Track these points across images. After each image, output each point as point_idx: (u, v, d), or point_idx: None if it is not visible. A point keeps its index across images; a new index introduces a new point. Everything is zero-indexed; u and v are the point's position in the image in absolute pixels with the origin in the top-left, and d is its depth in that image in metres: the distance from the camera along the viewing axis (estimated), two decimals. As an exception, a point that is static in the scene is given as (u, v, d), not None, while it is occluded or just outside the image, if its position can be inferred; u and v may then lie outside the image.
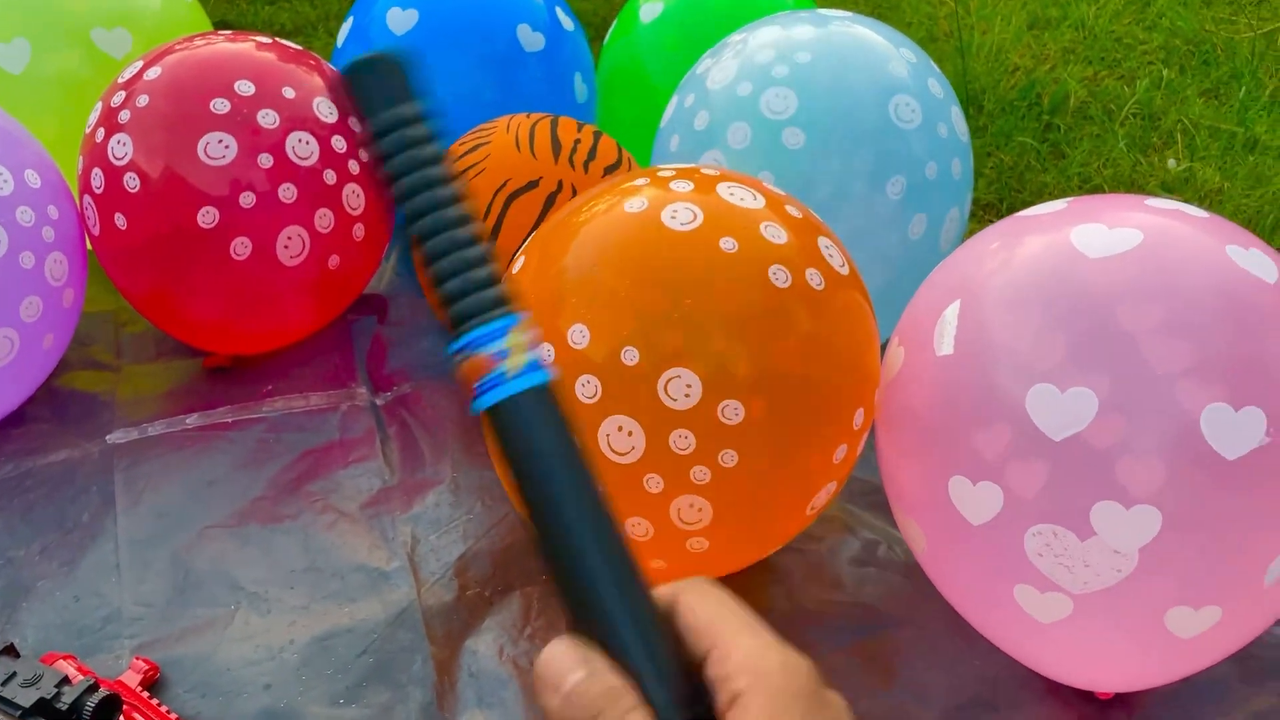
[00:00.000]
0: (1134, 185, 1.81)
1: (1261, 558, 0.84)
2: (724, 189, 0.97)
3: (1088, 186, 1.81)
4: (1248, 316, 0.84)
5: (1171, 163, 1.84)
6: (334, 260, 1.35)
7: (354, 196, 1.34)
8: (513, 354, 0.31)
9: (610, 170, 1.25)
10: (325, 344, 1.47)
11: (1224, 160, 1.84)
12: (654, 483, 0.91)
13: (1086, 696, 1.03)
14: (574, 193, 1.21)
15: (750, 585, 1.13)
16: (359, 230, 1.36)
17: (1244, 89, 1.98)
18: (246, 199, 1.26)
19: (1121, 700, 1.03)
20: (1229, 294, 0.84)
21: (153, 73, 1.29)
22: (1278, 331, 0.84)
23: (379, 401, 1.39)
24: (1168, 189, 1.77)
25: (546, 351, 0.31)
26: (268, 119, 1.27)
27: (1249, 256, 0.86)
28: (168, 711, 0.99)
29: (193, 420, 1.35)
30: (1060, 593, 0.87)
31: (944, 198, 1.29)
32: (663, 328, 0.89)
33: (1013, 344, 0.88)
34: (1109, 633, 0.89)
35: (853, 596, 1.14)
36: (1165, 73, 2.07)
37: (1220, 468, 0.81)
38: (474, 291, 0.31)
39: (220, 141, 1.25)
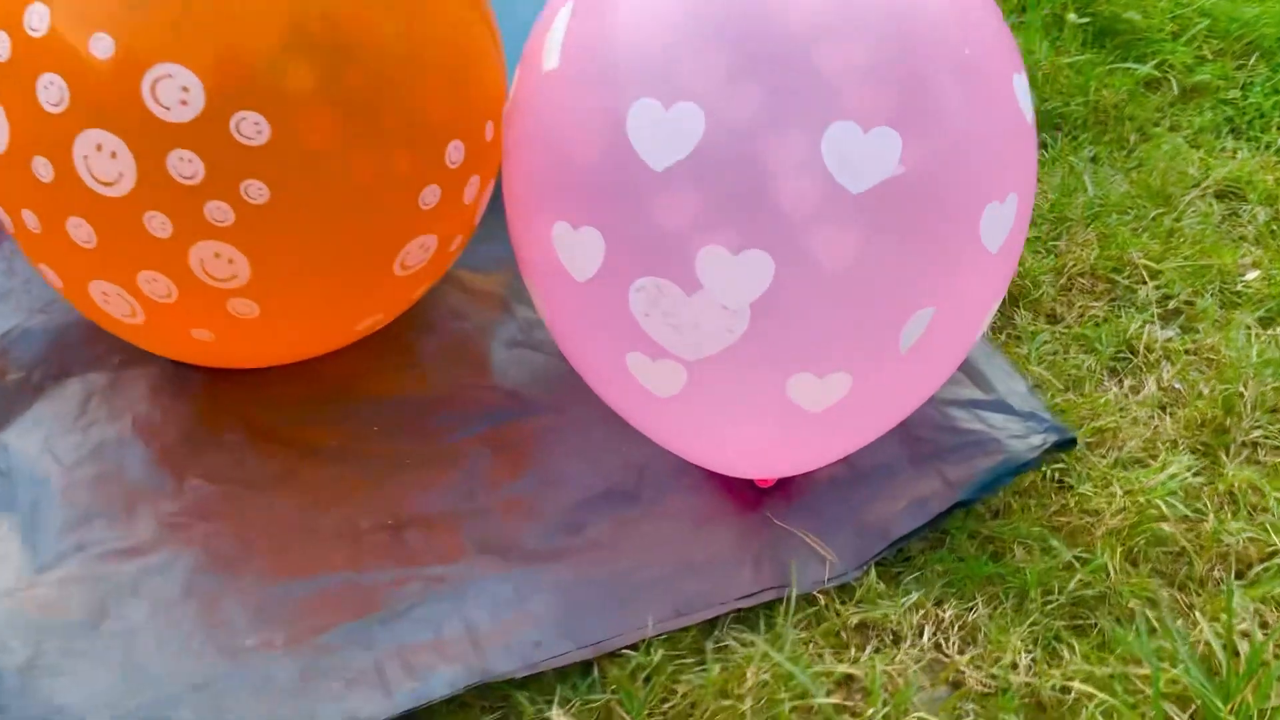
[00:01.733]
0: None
1: (895, 316, 0.70)
2: None
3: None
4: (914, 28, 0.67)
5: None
6: None
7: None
8: None
9: None
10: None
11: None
12: (158, 223, 0.69)
13: (747, 485, 0.91)
14: None
15: (380, 366, 0.96)
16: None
17: None
18: None
19: (782, 487, 0.91)
20: None
21: None
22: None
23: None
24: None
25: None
26: None
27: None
28: None
29: None
30: (672, 360, 0.73)
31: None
32: (148, 6, 0.65)
33: (618, 56, 0.69)
34: (728, 405, 0.75)
35: (496, 380, 0.98)
36: None
37: (845, 200, 0.66)
38: None
39: None
